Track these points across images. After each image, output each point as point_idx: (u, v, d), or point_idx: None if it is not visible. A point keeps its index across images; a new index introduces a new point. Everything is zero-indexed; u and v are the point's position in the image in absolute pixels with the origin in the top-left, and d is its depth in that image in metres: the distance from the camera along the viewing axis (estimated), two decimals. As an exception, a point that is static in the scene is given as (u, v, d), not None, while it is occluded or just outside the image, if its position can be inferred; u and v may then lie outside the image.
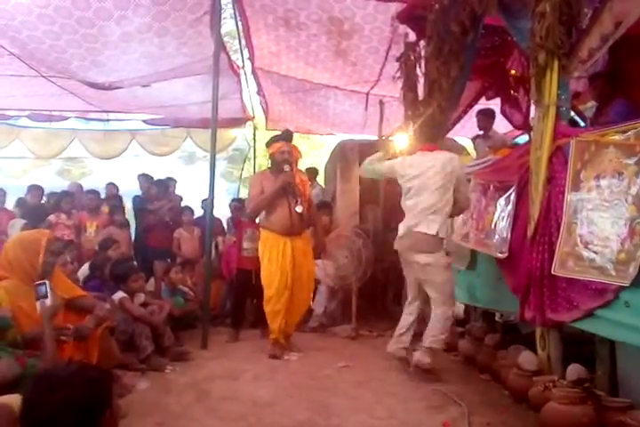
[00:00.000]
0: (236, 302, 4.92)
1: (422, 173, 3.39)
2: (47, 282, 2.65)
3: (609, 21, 2.79)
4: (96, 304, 2.87)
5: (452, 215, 3.43)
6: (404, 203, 3.49)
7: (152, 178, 6.27)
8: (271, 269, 4.09)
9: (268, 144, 4.31)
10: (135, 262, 4.51)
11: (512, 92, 5.08)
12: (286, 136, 4.28)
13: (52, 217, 5.22)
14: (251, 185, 4.35)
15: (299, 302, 4.21)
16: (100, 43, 4.80)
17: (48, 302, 2.59)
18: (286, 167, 4.08)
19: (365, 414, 2.76)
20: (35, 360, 2.40)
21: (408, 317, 3.53)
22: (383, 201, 5.84)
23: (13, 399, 1.83)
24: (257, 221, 4.41)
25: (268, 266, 4.11)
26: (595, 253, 2.37)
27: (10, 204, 6.26)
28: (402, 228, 3.45)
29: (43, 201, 5.95)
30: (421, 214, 3.30)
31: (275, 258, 4.08)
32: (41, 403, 1.37)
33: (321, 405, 2.92)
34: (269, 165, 4.36)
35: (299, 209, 4.06)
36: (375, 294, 5.44)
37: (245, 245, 4.82)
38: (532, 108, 3.78)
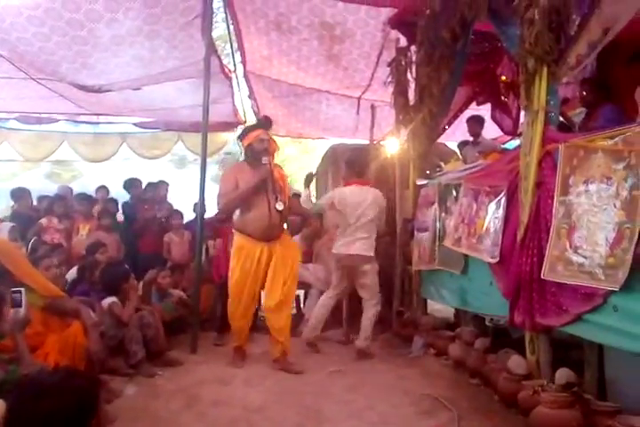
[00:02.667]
0: (224, 307, 4.89)
1: (359, 205, 4.17)
2: (23, 290, 2.61)
3: (597, 28, 2.82)
4: (79, 308, 2.84)
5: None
6: (344, 227, 4.21)
7: (140, 182, 6.22)
8: (242, 281, 3.71)
9: (243, 134, 3.85)
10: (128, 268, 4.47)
11: (502, 97, 5.12)
12: (265, 124, 3.82)
13: (43, 221, 5.16)
14: (222, 179, 3.89)
15: (283, 316, 3.82)
16: (89, 45, 4.78)
17: (22, 311, 2.55)
18: (264, 159, 3.62)
19: (357, 420, 2.76)
20: (15, 366, 2.37)
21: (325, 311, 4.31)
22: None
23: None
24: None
25: (239, 278, 3.71)
26: (584, 257, 2.39)
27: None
28: (344, 248, 4.20)
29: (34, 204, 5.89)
30: (360, 240, 4.16)
31: (248, 269, 3.69)
32: (26, 411, 1.35)
33: (312, 410, 2.92)
34: (245, 157, 3.87)
35: (279, 207, 3.62)
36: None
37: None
38: (522, 113, 3.83)
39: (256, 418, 2.79)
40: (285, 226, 4.01)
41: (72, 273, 4.36)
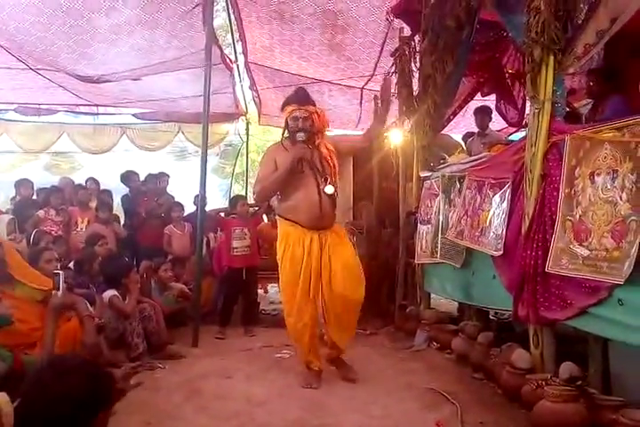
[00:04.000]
0: (225, 300, 4.89)
1: None
2: (61, 273, 2.62)
3: (605, 17, 2.76)
4: (75, 301, 2.82)
5: None
6: None
7: (137, 175, 6.17)
8: (292, 276, 3.16)
9: (282, 108, 3.36)
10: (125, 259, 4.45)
11: (507, 88, 5.06)
12: (299, 97, 3.26)
13: (40, 212, 5.12)
14: (260, 162, 3.47)
15: (340, 314, 3.22)
16: (88, 35, 4.73)
17: (59, 293, 2.56)
18: (299, 136, 3.15)
19: (360, 414, 2.74)
20: (31, 358, 2.37)
21: None
22: (377, 198, 5.80)
23: (0, 398, 1.80)
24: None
25: (289, 272, 3.17)
26: (589, 250, 2.36)
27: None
28: None
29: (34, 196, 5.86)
30: None
31: (298, 260, 3.14)
32: (43, 389, 1.34)
33: (315, 404, 2.89)
34: (286, 136, 3.35)
35: (328, 190, 3.12)
36: (369, 292, 5.37)
37: (235, 244, 4.79)
38: (528, 104, 3.77)
39: (258, 412, 2.78)
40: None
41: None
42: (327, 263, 3.16)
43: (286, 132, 3.30)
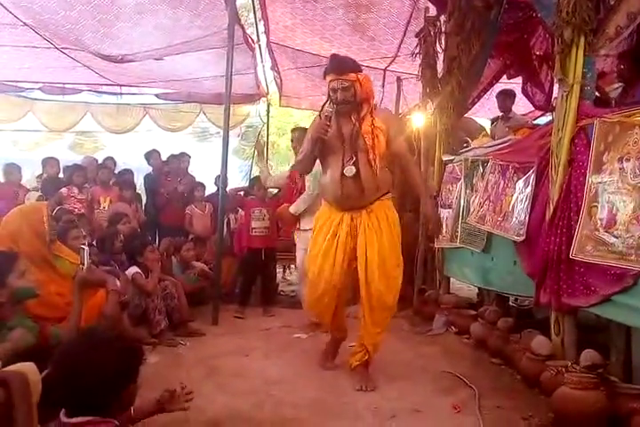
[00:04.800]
0: (245, 280, 4.95)
1: None
2: (86, 248, 2.67)
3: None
4: (105, 278, 2.88)
5: None
6: None
7: (159, 154, 6.20)
8: (318, 257, 2.94)
9: (323, 77, 2.97)
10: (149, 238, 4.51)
11: (535, 70, 4.93)
12: (334, 66, 2.87)
13: (63, 190, 5.20)
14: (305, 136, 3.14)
15: (371, 311, 2.93)
16: (112, 14, 4.72)
17: (84, 268, 2.61)
18: (327, 110, 2.86)
19: (375, 395, 2.77)
20: (57, 331, 2.43)
21: None
22: (398, 182, 5.74)
23: (27, 367, 1.86)
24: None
25: (315, 251, 2.98)
26: (615, 237, 2.32)
27: (24, 177, 6.27)
28: None
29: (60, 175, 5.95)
30: None
31: (321, 242, 2.94)
32: (75, 360, 1.39)
33: (331, 384, 2.93)
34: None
35: (348, 172, 2.83)
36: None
37: (254, 224, 4.83)
38: (555, 87, 3.67)
39: (275, 390, 2.82)
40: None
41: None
42: (363, 250, 2.87)
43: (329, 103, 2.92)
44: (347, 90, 2.82)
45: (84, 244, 2.93)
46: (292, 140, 4.59)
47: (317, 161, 3.07)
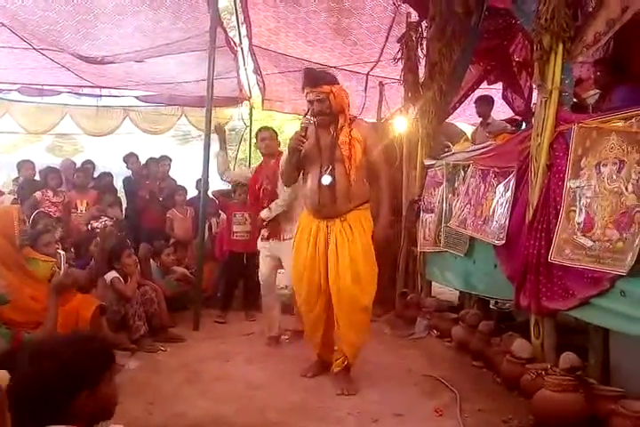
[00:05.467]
0: (226, 285, 4.91)
1: None
2: (63, 253, 2.62)
3: (616, 6, 2.72)
4: (80, 276, 2.84)
5: None
6: None
7: (136, 157, 6.13)
8: (299, 264, 3.05)
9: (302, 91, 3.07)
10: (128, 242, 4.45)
11: (514, 76, 5.01)
12: (309, 79, 2.96)
13: (37, 194, 5.09)
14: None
15: (345, 315, 2.92)
16: (92, 15, 4.67)
17: (60, 273, 2.57)
18: (303, 121, 3.02)
19: (358, 399, 2.77)
20: (32, 336, 2.38)
21: None
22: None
23: (0, 375, 1.81)
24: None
25: (296, 258, 3.08)
26: (592, 241, 2.36)
27: (1, 179, 6.17)
28: None
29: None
30: None
31: (304, 249, 3.01)
32: (19, 375, 1.34)
33: (313, 388, 2.92)
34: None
35: (325, 180, 2.90)
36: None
37: (235, 228, 4.78)
38: (535, 93, 3.73)
39: (258, 395, 2.81)
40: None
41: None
42: (334, 256, 2.92)
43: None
44: (322, 102, 2.91)
45: (59, 249, 2.88)
46: (256, 140, 4.31)
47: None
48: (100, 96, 7.80)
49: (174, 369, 3.21)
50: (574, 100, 3.31)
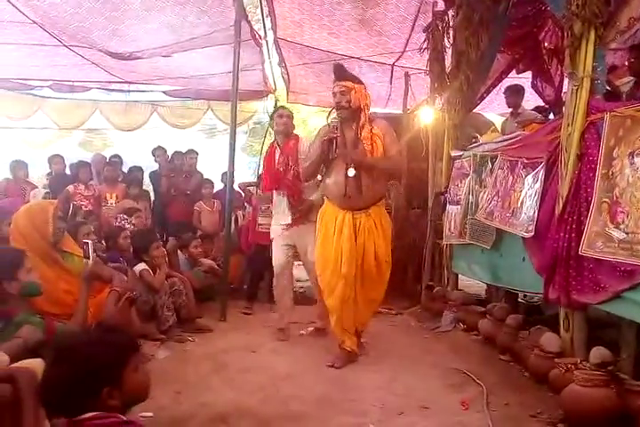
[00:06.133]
0: (252, 276, 4.96)
1: None
2: (90, 242, 2.67)
3: (650, -10, 2.63)
4: (113, 275, 2.89)
5: None
6: None
7: (164, 151, 6.20)
8: (324, 252, 3.26)
9: None
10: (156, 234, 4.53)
11: (544, 65, 4.87)
12: (335, 73, 3.26)
13: (70, 187, 5.23)
14: (311, 142, 3.55)
15: (364, 296, 3.29)
16: (120, 11, 4.72)
17: (90, 262, 2.62)
18: (333, 120, 3.22)
19: (383, 391, 2.76)
20: (64, 326, 2.44)
21: None
22: (406, 178, 5.74)
23: (36, 364, 1.87)
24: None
25: (321, 248, 3.30)
26: (625, 233, 2.29)
27: (34, 174, 6.33)
28: None
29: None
30: None
31: (330, 238, 3.22)
32: (47, 372, 1.39)
33: (339, 379, 2.94)
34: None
35: (350, 173, 3.12)
36: (395, 272, 5.36)
37: (261, 220, 4.83)
38: (565, 82, 3.63)
39: (283, 385, 2.83)
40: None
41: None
42: (362, 245, 3.19)
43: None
44: (343, 94, 3.16)
45: (87, 239, 2.94)
46: (270, 118, 4.29)
47: None
48: (129, 91, 7.90)
49: (201, 359, 3.26)
50: (607, 87, 3.21)
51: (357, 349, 3.31)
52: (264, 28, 5.86)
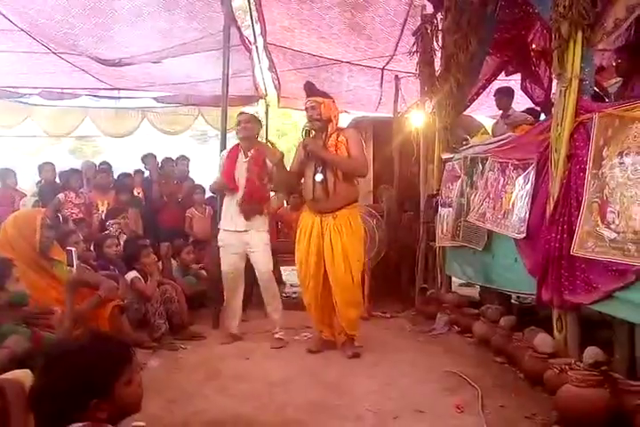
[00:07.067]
0: (245, 282, 4.91)
1: None
2: (74, 250, 2.65)
3: (636, -9, 2.64)
4: (101, 281, 2.86)
5: None
6: None
7: (154, 157, 6.16)
8: (298, 253, 3.56)
9: None
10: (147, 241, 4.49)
11: (533, 67, 4.91)
12: (306, 90, 3.59)
13: (60, 196, 5.19)
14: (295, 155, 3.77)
15: (340, 297, 3.47)
16: (109, 17, 4.72)
17: (73, 270, 2.59)
18: (306, 125, 3.53)
19: (378, 395, 2.74)
20: (51, 336, 2.40)
21: None
22: (398, 181, 5.75)
23: (24, 375, 1.84)
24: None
25: (297, 250, 3.58)
26: (616, 232, 2.29)
27: (24, 182, 6.27)
28: None
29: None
30: None
31: (302, 240, 3.53)
32: (37, 383, 1.36)
33: (333, 385, 2.91)
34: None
35: (317, 177, 3.39)
36: (389, 275, 5.40)
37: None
38: (554, 83, 3.65)
39: (277, 392, 2.80)
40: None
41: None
42: (329, 246, 3.43)
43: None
44: (314, 108, 3.47)
45: (70, 246, 2.91)
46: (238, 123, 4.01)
47: None
48: (119, 98, 7.88)
49: (195, 367, 3.23)
50: (595, 88, 3.23)
51: (350, 349, 3.48)
52: (254, 33, 5.87)
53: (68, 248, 2.66)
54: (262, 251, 3.77)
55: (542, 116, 4.66)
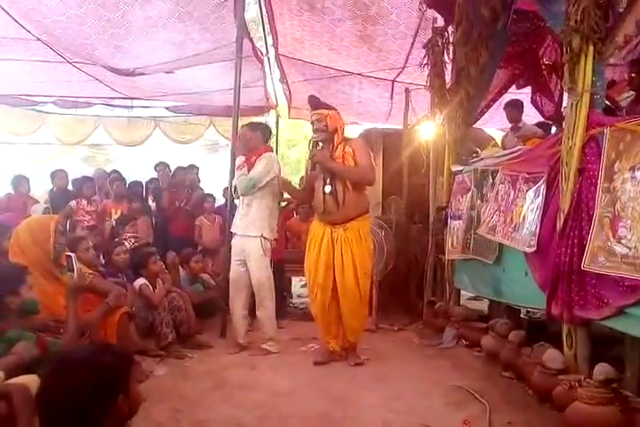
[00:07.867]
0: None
1: None
2: (73, 255, 2.65)
3: (644, 7, 2.65)
4: (111, 289, 2.87)
5: None
6: None
7: (165, 166, 6.22)
8: (308, 264, 3.61)
9: None
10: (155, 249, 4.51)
11: (544, 80, 4.90)
12: (311, 103, 3.68)
13: (72, 203, 5.24)
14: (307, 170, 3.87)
15: (347, 307, 3.53)
16: (123, 28, 4.78)
17: (74, 275, 2.60)
18: (314, 137, 3.59)
19: (384, 409, 2.71)
20: (55, 341, 2.41)
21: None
22: (407, 193, 5.75)
23: (31, 380, 1.85)
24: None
25: (306, 260, 3.63)
26: (628, 248, 2.26)
27: (37, 189, 6.34)
28: None
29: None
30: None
31: (312, 251, 3.58)
32: (52, 386, 1.35)
33: (339, 397, 2.89)
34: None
35: (327, 189, 3.46)
36: (397, 287, 5.37)
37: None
38: (565, 97, 3.64)
39: (282, 403, 2.79)
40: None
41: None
42: (339, 257, 3.48)
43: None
44: (320, 120, 3.53)
45: (85, 254, 2.92)
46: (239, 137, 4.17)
47: None
48: (132, 107, 7.97)
49: (201, 376, 3.22)
50: (607, 102, 3.22)
51: (353, 359, 3.54)
52: (266, 44, 5.93)
53: (67, 253, 2.66)
54: (256, 259, 3.81)
55: (554, 130, 4.65)
